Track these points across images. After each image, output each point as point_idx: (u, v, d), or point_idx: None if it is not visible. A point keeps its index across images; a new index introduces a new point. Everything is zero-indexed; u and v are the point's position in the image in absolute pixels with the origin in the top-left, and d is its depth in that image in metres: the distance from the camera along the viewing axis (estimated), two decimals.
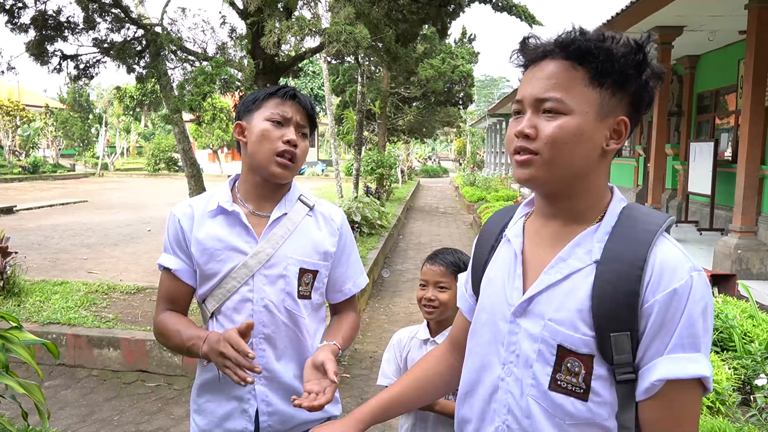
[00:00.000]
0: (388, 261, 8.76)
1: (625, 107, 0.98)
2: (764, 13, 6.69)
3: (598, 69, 0.94)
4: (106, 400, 3.85)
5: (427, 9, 6.75)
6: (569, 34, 0.97)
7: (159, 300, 1.59)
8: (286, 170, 1.50)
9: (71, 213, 13.54)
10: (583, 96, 0.95)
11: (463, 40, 23.02)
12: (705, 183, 9.85)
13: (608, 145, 0.98)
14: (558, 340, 0.96)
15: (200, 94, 5.04)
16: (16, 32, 5.97)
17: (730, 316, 3.69)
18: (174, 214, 1.56)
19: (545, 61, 0.98)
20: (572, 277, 0.97)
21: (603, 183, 1.03)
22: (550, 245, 1.03)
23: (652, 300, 0.90)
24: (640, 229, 0.95)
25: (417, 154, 41.49)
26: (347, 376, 4.26)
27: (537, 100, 0.97)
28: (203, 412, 1.57)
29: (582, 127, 0.95)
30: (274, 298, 1.50)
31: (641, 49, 0.95)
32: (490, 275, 1.12)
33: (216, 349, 1.34)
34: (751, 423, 2.65)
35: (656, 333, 0.91)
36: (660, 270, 0.91)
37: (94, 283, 5.80)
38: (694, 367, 0.89)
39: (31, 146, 28.47)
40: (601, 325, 0.92)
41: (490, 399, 1.06)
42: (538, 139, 0.96)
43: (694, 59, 11.39)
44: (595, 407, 0.94)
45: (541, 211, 1.08)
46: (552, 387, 0.97)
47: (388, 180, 15.70)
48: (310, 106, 1.55)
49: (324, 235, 1.58)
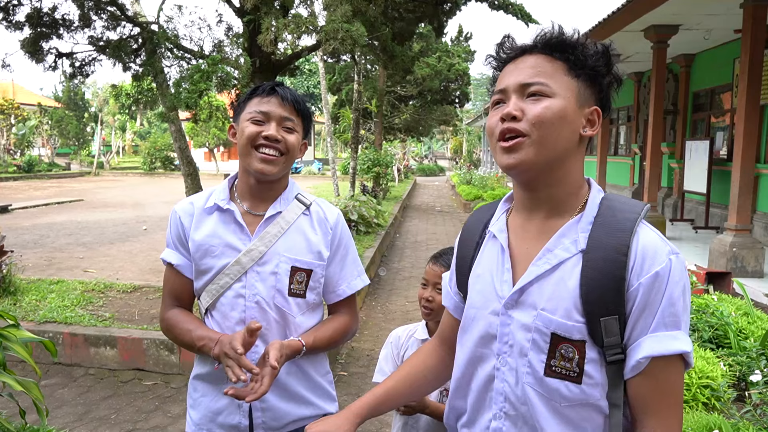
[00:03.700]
0: (384, 259, 8.77)
1: (596, 102, 1.06)
2: (759, 11, 6.72)
3: (574, 61, 1.03)
4: (102, 399, 3.84)
5: (423, 7, 6.74)
6: (548, 32, 1.05)
7: (164, 295, 1.63)
8: (270, 165, 1.49)
9: (67, 212, 13.49)
10: (564, 83, 1.02)
11: (460, 39, 23.03)
12: (700, 181, 9.89)
13: (585, 131, 1.05)
14: (552, 329, 1.00)
15: (196, 91, 5.02)
16: (11, 30, 5.94)
17: (725, 314, 3.71)
18: (176, 210, 1.60)
19: (525, 56, 1.06)
20: (561, 267, 1.02)
21: (580, 171, 1.08)
22: (536, 238, 1.07)
23: (637, 283, 0.96)
24: (620, 218, 1.01)
25: (413, 153, 41.49)
26: (344, 374, 4.27)
27: (522, 86, 1.03)
28: (198, 407, 1.58)
29: (566, 109, 1.01)
30: (265, 295, 1.51)
31: (607, 52, 1.04)
32: (478, 272, 1.15)
33: (223, 351, 1.40)
34: (746, 419, 2.67)
35: (641, 314, 0.97)
36: (642, 255, 0.97)
37: (90, 281, 5.79)
38: (676, 343, 0.95)
39: (26, 145, 28.33)
40: (592, 310, 0.97)
41: (485, 389, 1.10)
42: (525, 120, 1.01)
43: (689, 58, 11.42)
44: (588, 389, 0.99)
45: (522, 204, 1.11)
46: (547, 373, 1.01)
47: (385, 178, 15.69)
48: (294, 98, 1.54)
49: (318, 235, 1.58)
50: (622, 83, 1.08)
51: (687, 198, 11.18)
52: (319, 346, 1.55)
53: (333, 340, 1.61)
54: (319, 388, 1.62)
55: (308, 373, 1.59)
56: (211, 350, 1.44)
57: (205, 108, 5.81)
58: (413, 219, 13.86)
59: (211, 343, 1.45)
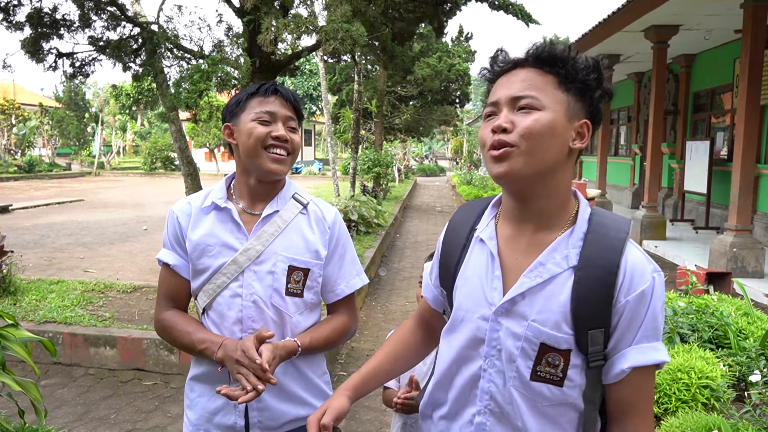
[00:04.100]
0: (384, 259, 8.76)
1: (586, 115, 1.10)
2: (759, 11, 6.71)
3: (565, 75, 1.07)
4: (102, 399, 3.84)
5: (423, 7, 6.74)
6: (539, 46, 1.09)
7: (160, 296, 1.61)
8: (281, 165, 1.51)
9: (67, 212, 13.50)
10: (554, 96, 1.06)
11: (460, 39, 23.02)
12: (701, 181, 9.89)
13: (574, 144, 1.08)
14: (542, 339, 1.06)
15: (196, 91, 5.03)
16: (12, 30, 5.95)
17: (725, 314, 3.71)
18: (173, 210, 1.59)
19: (517, 70, 1.09)
20: (552, 281, 1.07)
21: (569, 184, 1.12)
22: (526, 249, 1.12)
23: (624, 300, 1.04)
24: (611, 236, 1.07)
25: (414, 153, 41.48)
26: (344, 374, 4.27)
27: (513, 99, 1.06)
28: (195, 407, 1.58)
29: (554, 121, 1.05)
30: (262, 294, 1.51)
31: (598, 66, 1.08)
32: (467, 274, 1.19)
33: (232, 357, 1.39)
34: (745, 419, 2.67)
35: (627, 327, 1.05)
36: (631, 274, 1.04)
37: (90, 281, 5.79)
38: (657, 354, 1.05)
39: (26, 145, 28.35)
40: (581, 323, 1.05)
41: (470, 386, 1.16)
42: (515, 132, 1.04)
43: (690, 58, 11.42)
44: (568, 390, 1.08)
45: (512, 214, 1.15)
46: (533, 378, 1.08)
47: (385, 179, 15.68)
48: (294, 98, 1.56)
49: (315, 234, 1.58)
50: (612, 97, 1.12)
51: (687, 198, 11.18)
52: (315, 346, 1.55)
53: (330, 340, 1.60)
54: (315, 388, 1.62)
55: (305, 373, 1.59)
56: (214, 354, 1.44)
57: (205, 108, 5.81)
58: (413, 219, 13.86)
59: (213, 346, 1.45)
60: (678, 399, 2.90)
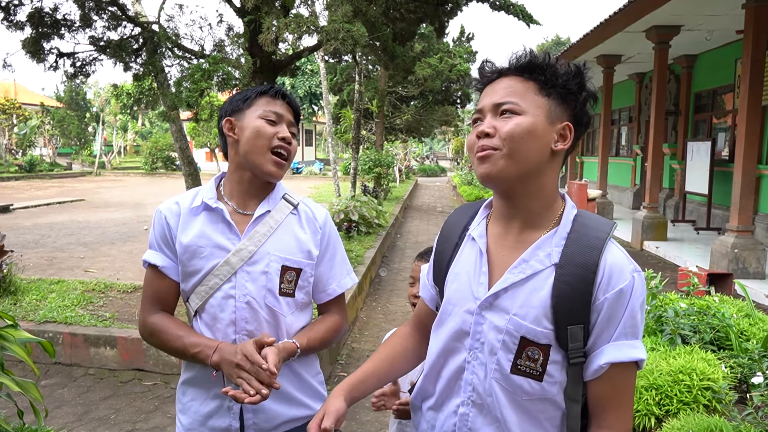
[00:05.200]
0: (385, 260, 8.76)
1: (569, 118, 1.15)
2: (761, 12, 6.70)
3: (545, 81, 1.12)
4: (102, 399, 3.84)
5: (424, 8, 6.73)
6: (520, 55, 1.15)
7: (146, 298, 1.56)
8: (281, 169, 1.52)
9: (68, 211, 13.50)
10: (534, 101, 1.11)
11: (461, 39, 23.05)
12: (702, 182, 9.87)
13: (556, 146, 1.13)
14: (522, 333, 1.11)
15: (197, 90, 5.01)
16: (13, 30, 5.94)
17: (726, 315, 3.69)
18: (160, 211, 1.56)
19: (501, 79, 1.16)
20: (534, 278, 1.11)
21: (554, 185, 1.17)
22: (513, 247, 1.17)
23: (603, 298, 1.08)
24: (592, 236, 1.11)
25: (415, 153, 41.47)
26: (344, 375, 4.26)
27: (496, 105, 1.13)
28: (188, 411, 1.56)
29: (535, 125, 1.10)
30: (256, 295, 1.49)
31: (580, 72, 1.13)
32: (457, 270, 1.24)
33: (231, 361, 1.37)
34: (747, 421, 2.65)
35: (605, 325, 1.08)
36: (609, 273, 1.08)
37: (90, 281, 5.79)
38: (634, 351, 1.08)
39: (27, 145, 28.39)
40: (560, 319, 1.09)
41: (455, 378, 1.20)
42: (497, 137, 1.11)
43: (691, 59, 11.41)
44: (547, 386, 1.11)
45: (500, 213, 1.21)
46: (513, 371, 1.12)
47: (386, 179, 15.68)
48: (297, 107, 1.59)
49: (307, 234, 1.58)
50: (597, 100, 1.17)
51: (688, 199, 11.16)
52: (312, 346, 1.55)
53: (325, 341, 1.60)
54: (310, 388, 1.61)
55: (299, 374, 1.58)
56: (208, 358, 1.41)
57: (206, 108, 5.79)
58: (414, 219, 13.85)
59: (207, 350, 1.42)
60: (679, 401, 2.89)
